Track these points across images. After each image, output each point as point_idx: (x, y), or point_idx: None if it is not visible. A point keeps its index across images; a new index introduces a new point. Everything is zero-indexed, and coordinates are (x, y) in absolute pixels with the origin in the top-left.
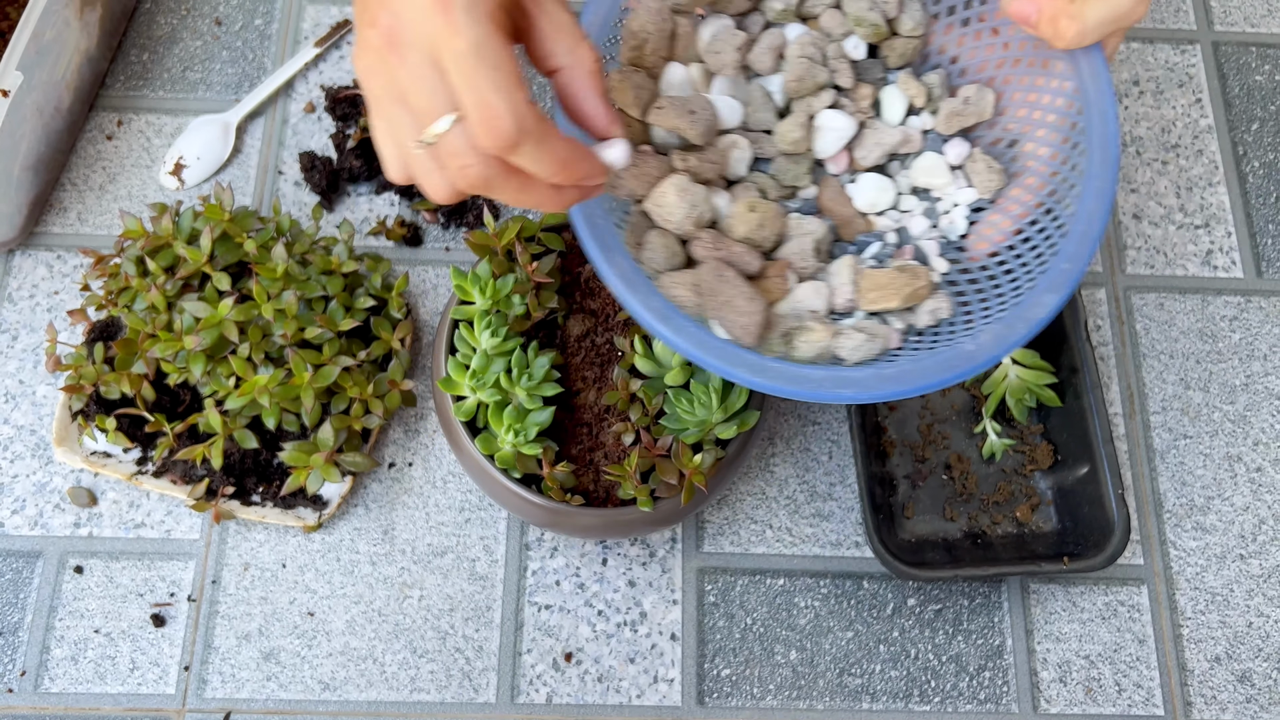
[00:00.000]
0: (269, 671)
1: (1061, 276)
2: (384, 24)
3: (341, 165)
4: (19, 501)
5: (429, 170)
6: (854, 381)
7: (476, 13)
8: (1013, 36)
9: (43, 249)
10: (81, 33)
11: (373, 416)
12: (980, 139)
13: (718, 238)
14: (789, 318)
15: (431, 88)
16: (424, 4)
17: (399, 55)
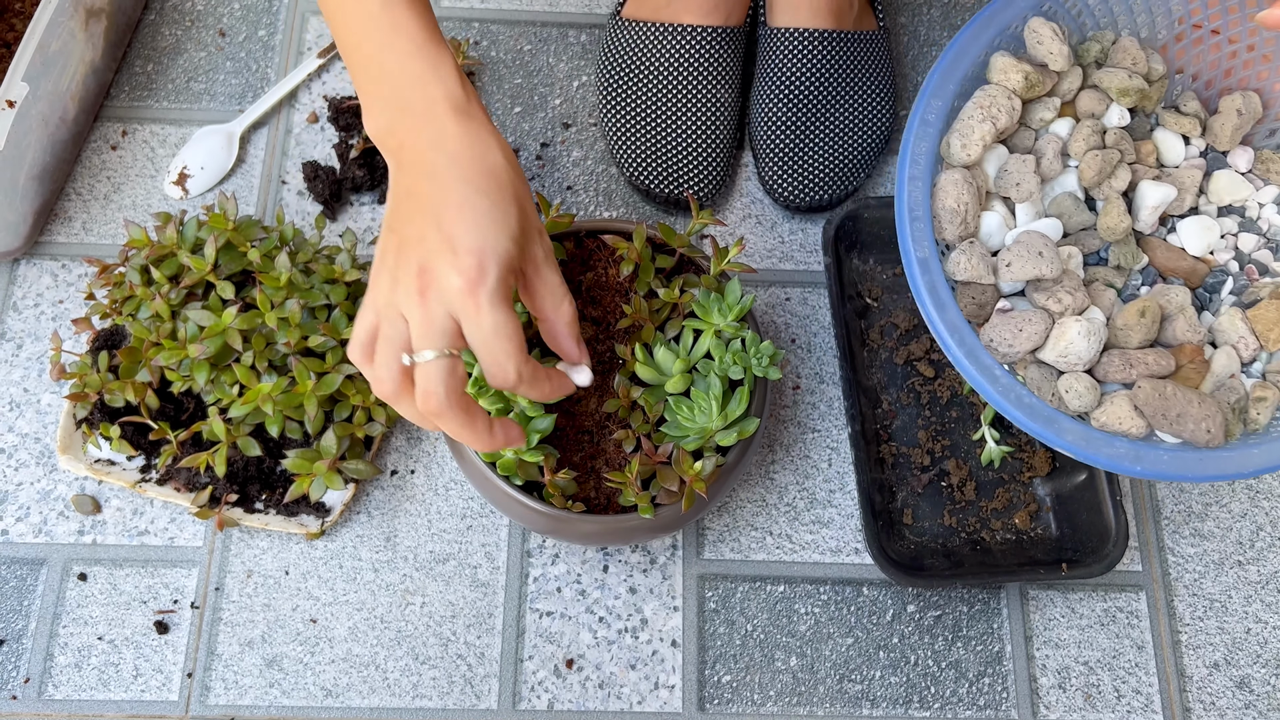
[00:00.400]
0: (272, 678)
1: None
2: (423, 278)
3: (344, 175)
4: (23, 509)
5: (389, 374)
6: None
7: (497, 299)
8: (1256, 38)
9: (48, 258)
10: (86, 44)
11: (375, 424)
12: (1253, 137)
13: (1123, 355)
14: (1221, 392)
15: (439, 331)
16: (457, 285)
17: (424, 298)
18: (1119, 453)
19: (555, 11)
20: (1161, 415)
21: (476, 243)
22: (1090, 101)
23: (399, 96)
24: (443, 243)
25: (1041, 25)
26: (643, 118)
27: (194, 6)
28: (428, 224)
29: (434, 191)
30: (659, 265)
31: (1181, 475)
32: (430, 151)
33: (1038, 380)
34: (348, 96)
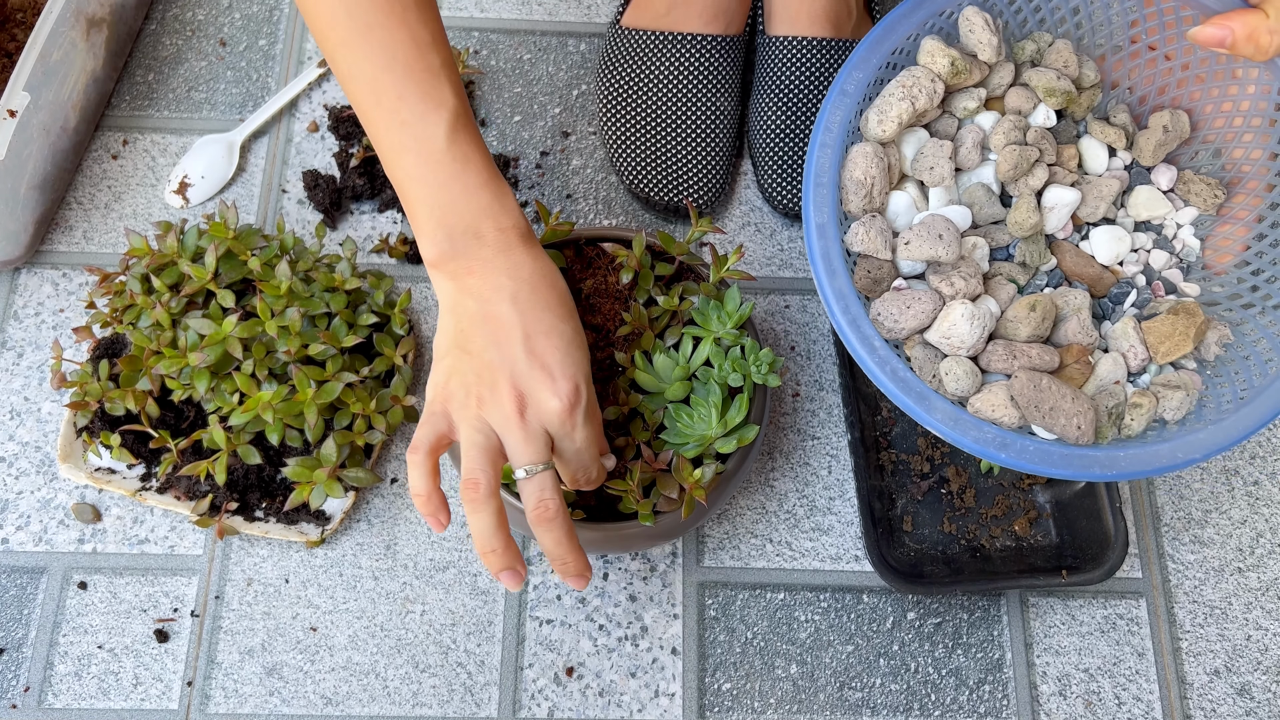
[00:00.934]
0: (272, 686)
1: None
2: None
3: (345, 183)
4: (24, 517)
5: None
6: (1200, 444)
7: (587, 416)
8: (1191, 56)
9: (48, 267)
10: (88, 54)
11: (375, 432)
12: (1180, 157)
13: (1008, 346)
14: (1101, 396)
15: (541, 447)
16: (557, 408)
17: (523, 419)
18: (986, 437)
19: (554, 21)
20: (1035, 407)
21: (570, 369)
22: (1018, 98)
23: (469, 226)
24: (539, 369)
25: (975, 14)
26: (642, 126)
27: (195, 16)
28: (514, 349)
29: (517, 318)
30: (658, 273)
31: (1044, 468)
32: (507, 279)
33: (922, 360)
34: (347, 106)
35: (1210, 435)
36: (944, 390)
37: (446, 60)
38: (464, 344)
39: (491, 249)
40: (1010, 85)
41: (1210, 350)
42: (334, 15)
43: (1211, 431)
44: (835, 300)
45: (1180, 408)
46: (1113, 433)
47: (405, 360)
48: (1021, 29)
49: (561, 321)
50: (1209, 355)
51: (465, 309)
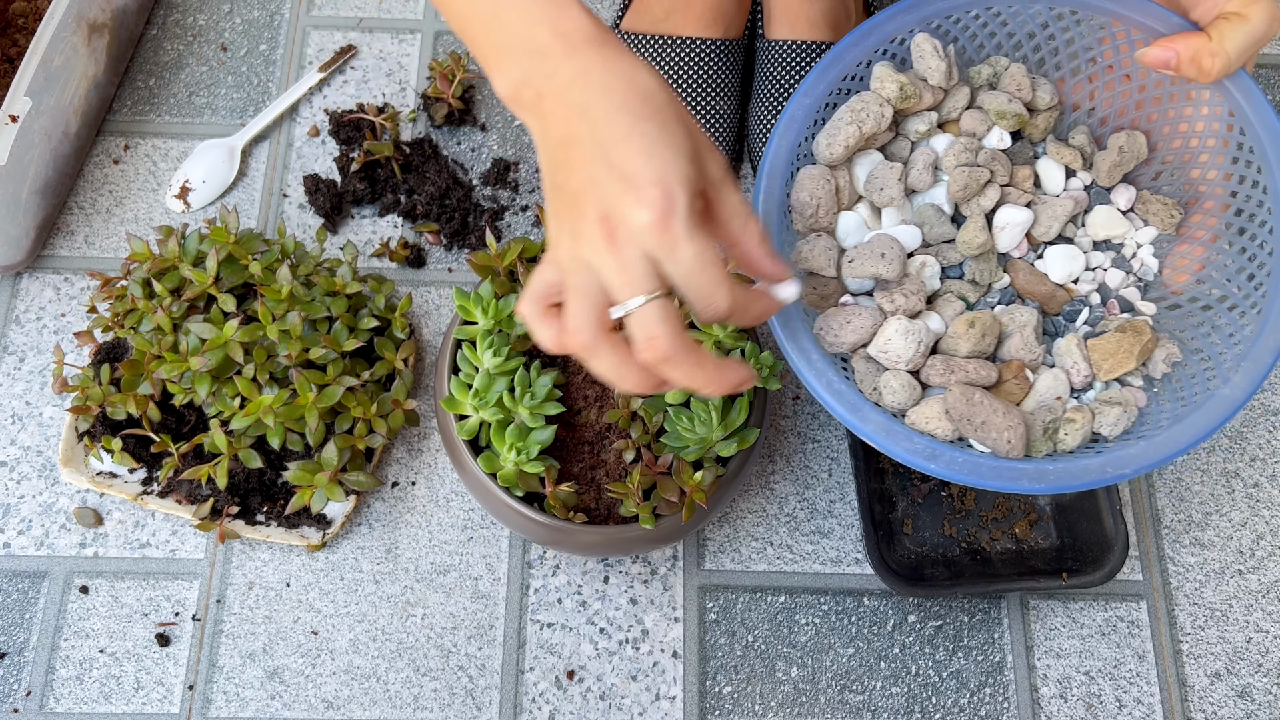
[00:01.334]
0: (273, 690)
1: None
2: (606, 225)
3: (345, 188)
4: (25, 522)
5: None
6: (1131, 459)
7: (691, 228)
8: (1147, 78)
9: (50, 271)
10: (89, 59)
11: (376, 436)
12: (1140, 178)
13: (947, 361)
14: (1040, 412)
15: (640, 275)
16: (647, 221)
17: (613, 244)
18: (916, 448)
19: None
20: (967, 420)
21: (655, 172)
22: (973, 121)
23: (527, 42)
24: (619, 181)
25: (925, 41)
26: None
27: (196, 21)
28: (595, 166)
29: (593, 130)
30: None
31: (972, 479)
32: (576, 90)
33: (863, 372)
34: (348, 110)
35: (1140, 450)
36: (883, 402)
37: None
38: (554, 181)
39: (556, 61)
40: (966, 108)
41: (1158, 368)
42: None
43: (1143, 447)
44: (777, 315)
45: (1117, 424)
46: (1048, 447)
47: (406, 364)
48: (979, 53)
49: (643, 121)
50: (1156, 373)
51: (547, 140)
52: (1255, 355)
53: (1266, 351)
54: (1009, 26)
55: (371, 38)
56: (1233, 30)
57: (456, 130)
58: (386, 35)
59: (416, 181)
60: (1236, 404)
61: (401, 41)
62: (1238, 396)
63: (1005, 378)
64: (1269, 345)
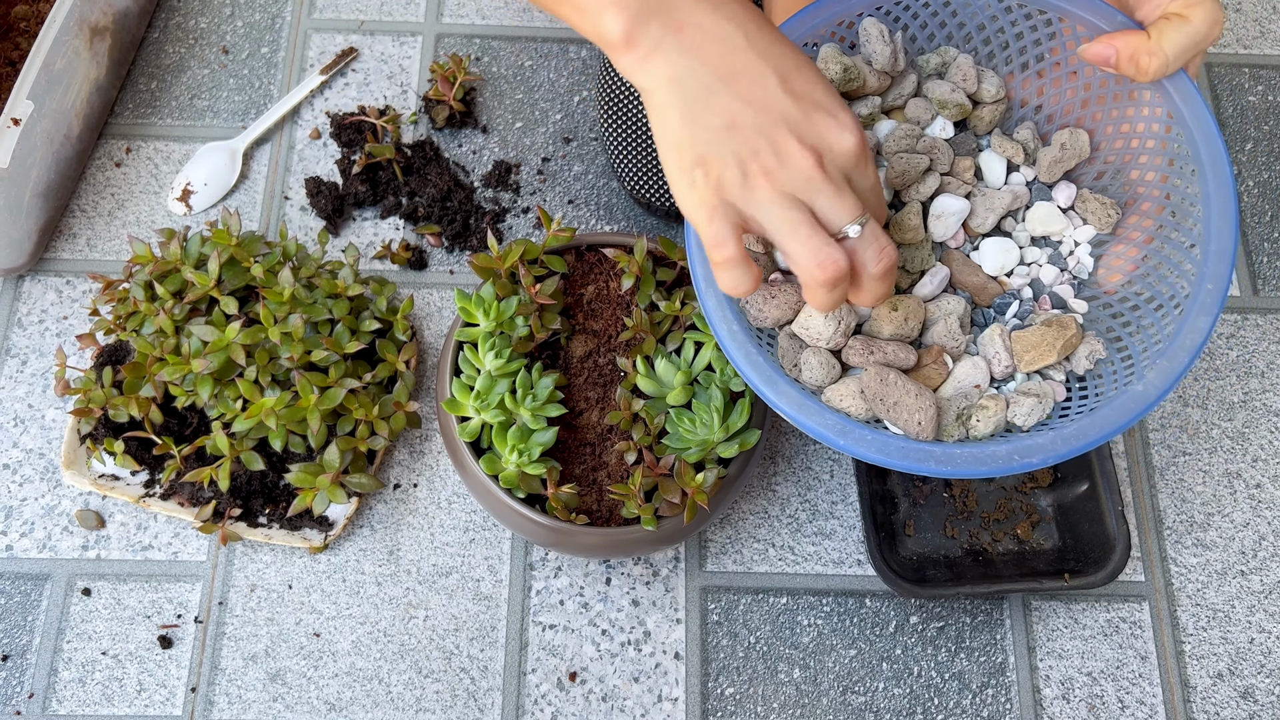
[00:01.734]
0: (275, 692)
1: (1209, 298)
2: (814, 152)
3: (347, 190)
4: (28, 524)
5: (836, 256)
6: (1038, 449)
7: (872, 153)
8: (1092, 76)
9: (52, 274)
10: (91, 62)
11: (378, 438)
12: (1083, 177)
13: (868, 342)
14: (956, 399)
15: (852, 199)
16: (852, 144)
17: (824, 170)
18: (827, 423)
19: (556, 28)
20: (880, 399)
21: (839, 100)
22: (918, 109)
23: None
24: (815, 109)
25: (872, 25)
26: (643, 131)
27: (197, 24)
28: (779, 99)
29: (764, 63)
30: (660, 278)
31: (880, 458)
32: (728, 23)
33: (786, 348)
34: (349, 113)
35: (1048, 440)
36: (802, 379)
37: None
38: (711, 121)
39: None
40: (912, 96)
41: (1081, 364)
42: None
43: (1051, 437)
44: (705, 286)
45: (1031, 414)
46: (960, 432)
47: (408, 366)
48: (930, 43)
49: (798, 54)
50: (1079, 368)
51: (694, 77)
52: (1171, 353)
53: (1183, 350)
54: (959, 17)
55: (373, 40)
56: (1172, 30)
57: (458, 132)
58: (388, 38)
59: (418, 184)
60: (1149, 400)
61: (403, 44)
62: (1150, 394)
63: (925, 362)
64: (1186, 344)
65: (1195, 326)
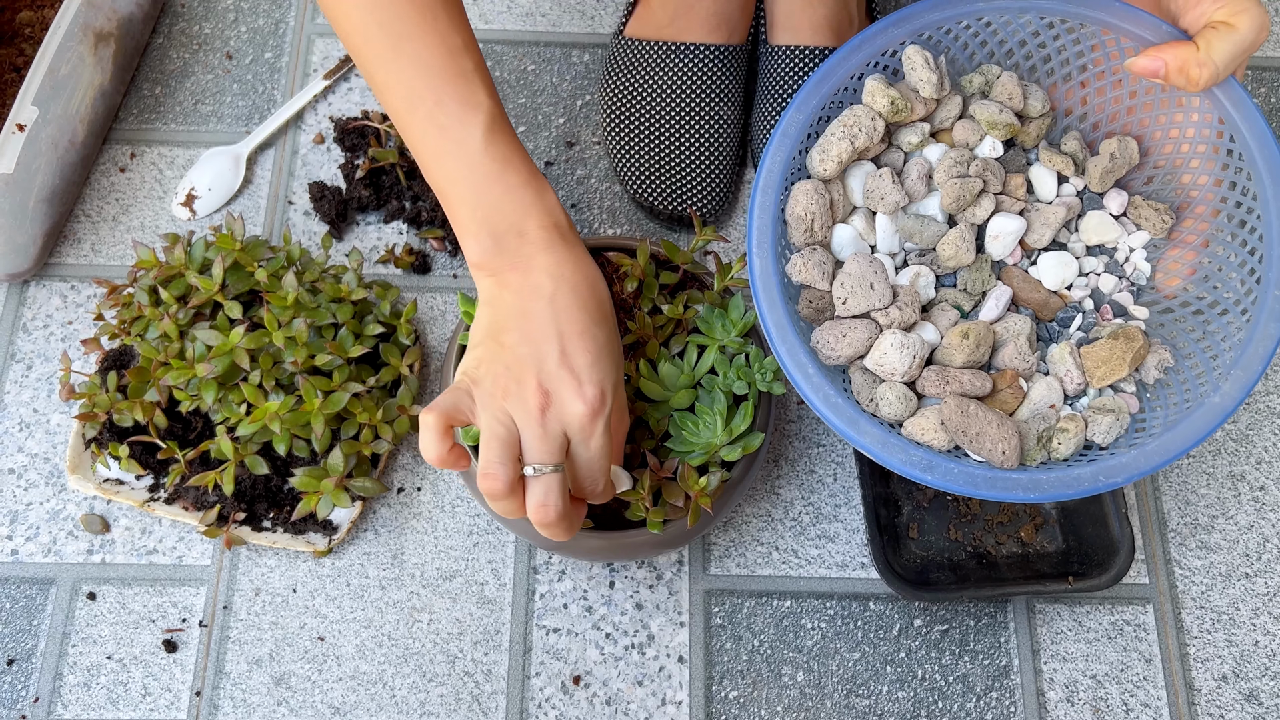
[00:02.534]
0: (280, 696)
1: (1278, 303)
2: (544, 399)
3: (350, 195)
4: (33, 529)
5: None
6: (1122, 468)
7: (607, 426)
8: (1138, 84)
9: (57, 279)
10: (95, 68)
11: (382, 442)
12: (1133, 183)
13: (942, 371)
14: (1034, 420)
15: (556, 448)
16: (580, 412)
17: (544, 416)
18: (913, 459)
19: (558, 32)
20: (962, 432)
21: (599, 376)
22: (965, 131)
23: (511, 224)
24: (567, 371)
25: (916, 54)
26: (646, 135)
27: (201, 30)
28: (548, 347)
29: (552, 318)
30: (663, 281)
31: (968, 489)
32: (545, 277)
33: (860, 384)
34: (353, 118)
35: (1132, 459)
36: (879, 413)
37: (479, 64)
38: (498, 336)
39: (534, 246)
40: (958, 118)
41: (1150, 374)
42: (366, 29)
43: (1134, 455)
44: (774, 329)
45: (1110, 431)
46: (1042, 455)
47: (411, 370)
48: (971, 62)
49: (596, 325)
50: (1149, 379)
51: (503, 303)
52: (1245, 363)
53: (1256, 359)
54: (1000, 35)
55: None
56: (1220, 40)
57: None
58: None
59: (421, 188)
60: (1226, 411)
61: None
62: (1228, 405)
63: (1000, 387)
64: (1258, 352)
65: (1267, 334)
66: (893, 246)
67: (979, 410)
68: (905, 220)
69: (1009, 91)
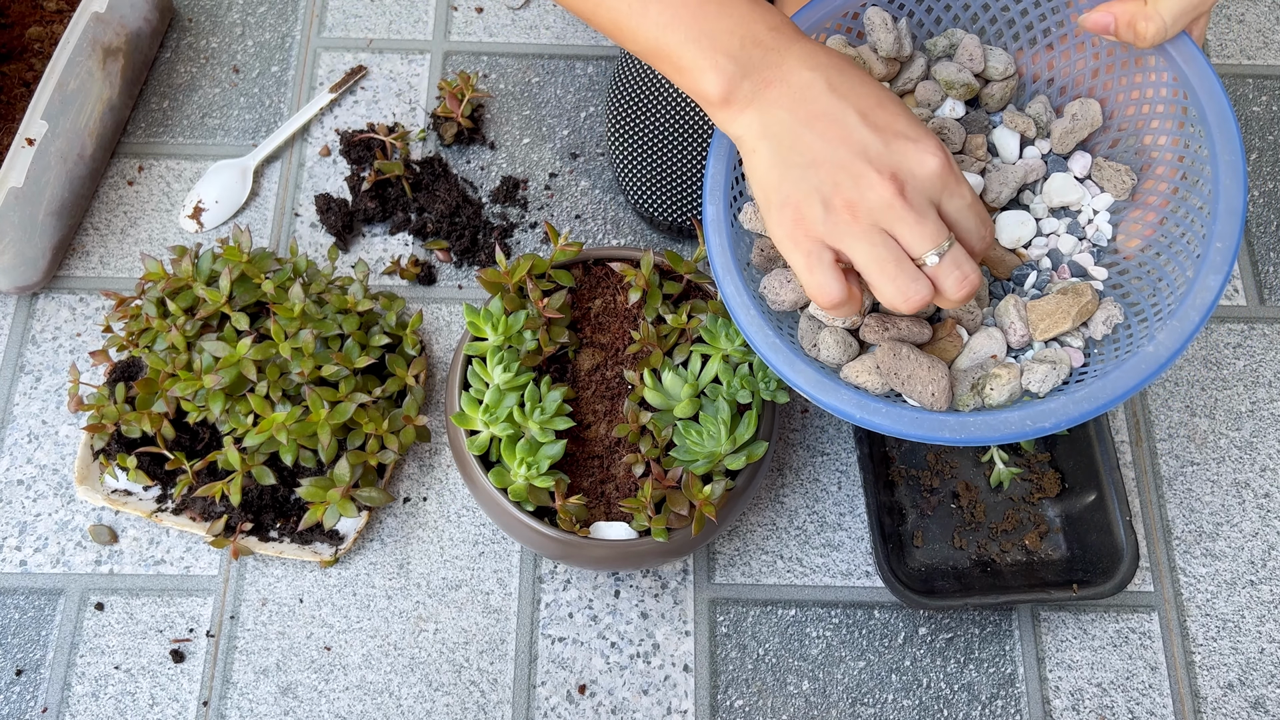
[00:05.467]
0: (286, 706)
1: (1219, 256)
2: (895, 180)
3: (356, 207)
4: (41, 540)
5: (923, 288)
6: (1050, 413)
7: (958, 169)
8: (1100, 46)
9: (66, 292)
10: (104, 82)
11: (388, 452)
12: (1098, 145)
13: (882, 319)
14: (972, 370)
15: (936, 225)
16: (936, 166)
17: (906, 199)
18: (844, 399)
19: (562, 44)
20: (894, 374)
21: (922, 127)
22: (927, 91)
23: (744, 38)
24: (896, 138)
25: (876, 14)
26: (650, 146)
27: (208, 44)
28: (860, 133)
29: (842, 103)
30: (666, 291)
31: (896, 428)
32: (808, 72)
33: (805, 330)
34: (358, 131)
35: (1059, 404)
36: (820, 357)
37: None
38: (796, 161)
39: (778, 52)
40: (922, 79)
41: (1098, 329)
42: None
43: (1062, 401)
44: (723, 273)
45: (1046, 381)
46: (975, 401)
47: (417, 380)
48: (938, 27)
49: (878, 89)
50: (1096, 334)
51: (780, 124)
52: (1182, 313)
53: (1194, 310)
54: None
55: (381, 58)
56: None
57: (466, 149)
58: (396, 56)
59: (426, 200)
60: (1160, 361)
61: (411, 62)
62: (1161, 354)
63: (939, 335)
64: (1196, 303)
65: (1205, 285)
66: None
67: (911, 353)
68: None
69: (970, 53)
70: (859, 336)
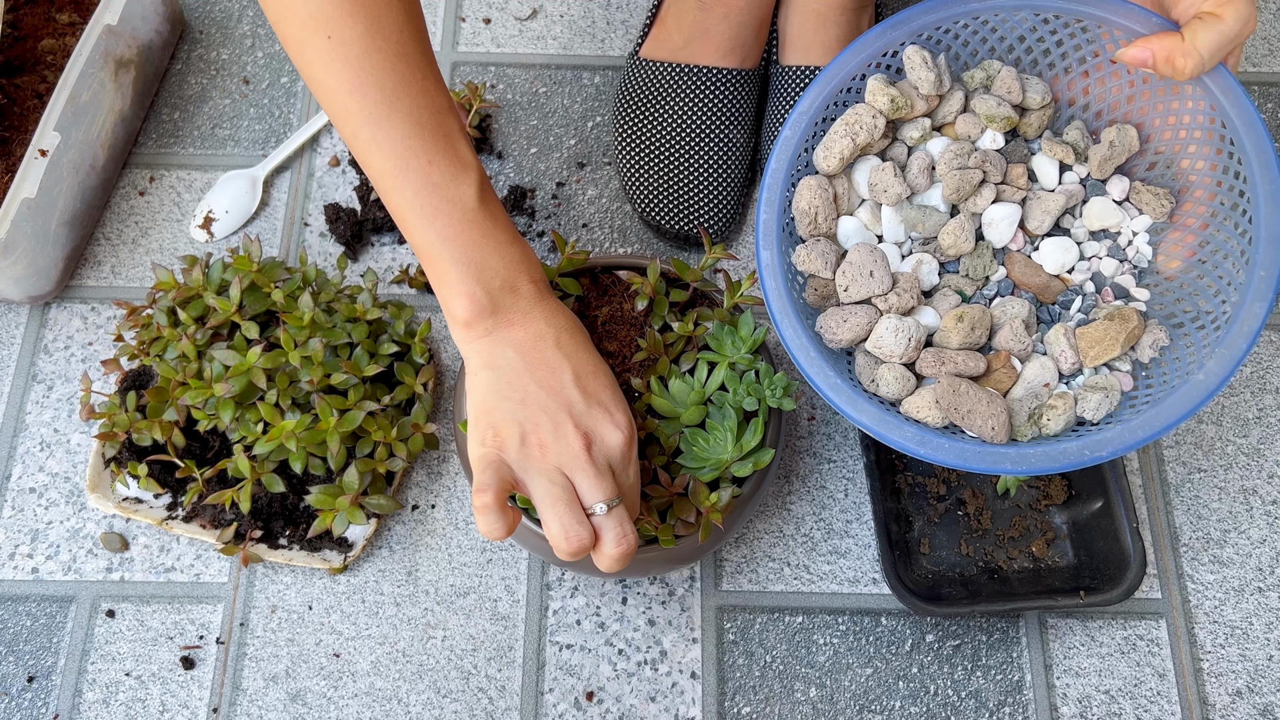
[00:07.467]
0: (296, 713)
1: (1263, 284)
2: (586, 439)
3: (365, 216)
4: (53, 547)
5: (584, 529)
6: (1107, 442)
7: (636, 451)
8: (1136, 73)
9: (78, 301)
10: (116, 94)
11: (396, 459)
12: (1135, 169)
13: (938, 353)
14: (1027, 399)
15: (609, 483)
16: (619, 441)
17: (591, 456)
18: (907, 435)
19: (569, 55)
20: (954, 409)
21: (621, 404)
22: (967, 125)
23: (505, 280)
24: (597, 406)
25: (915, 53)
26: (657, 156)
27: (219, 56)
28: (571, 391)
29: (565, 361)
30: (673, 299)
31: (958, 463)
32: (547, 326)
33: (862, 366)
34: None
35: (1116, 434)
36: (879, 393)
37: (460, 124)
38: (510, 395)
39: (528, 300)
40: (961, 112)
41: (1145, 353)
42: (360, 85)
43: (1118, 430)
44: (779, 315)
45: (1099, 408)
46: (1033, 431)
47: (426, 388)
48: (973, 59)
49: (596, 360)
50: (1144, 358)
51: (506, 361)
52: (1229, 340)
53: (1240, 337)
54: (999, 32)
55: None
56: (1205, 30)
57: None
58: None
59: None
60: (1210, 388)
61: None
62: (1211, 381)
63: (994, 367)
64: (1243, 330)
65: (1251, 313)
66: (898, 236)
67: (970, 389)
68: (909, 211)
69: (1008, 85)
70: (915, 371)
